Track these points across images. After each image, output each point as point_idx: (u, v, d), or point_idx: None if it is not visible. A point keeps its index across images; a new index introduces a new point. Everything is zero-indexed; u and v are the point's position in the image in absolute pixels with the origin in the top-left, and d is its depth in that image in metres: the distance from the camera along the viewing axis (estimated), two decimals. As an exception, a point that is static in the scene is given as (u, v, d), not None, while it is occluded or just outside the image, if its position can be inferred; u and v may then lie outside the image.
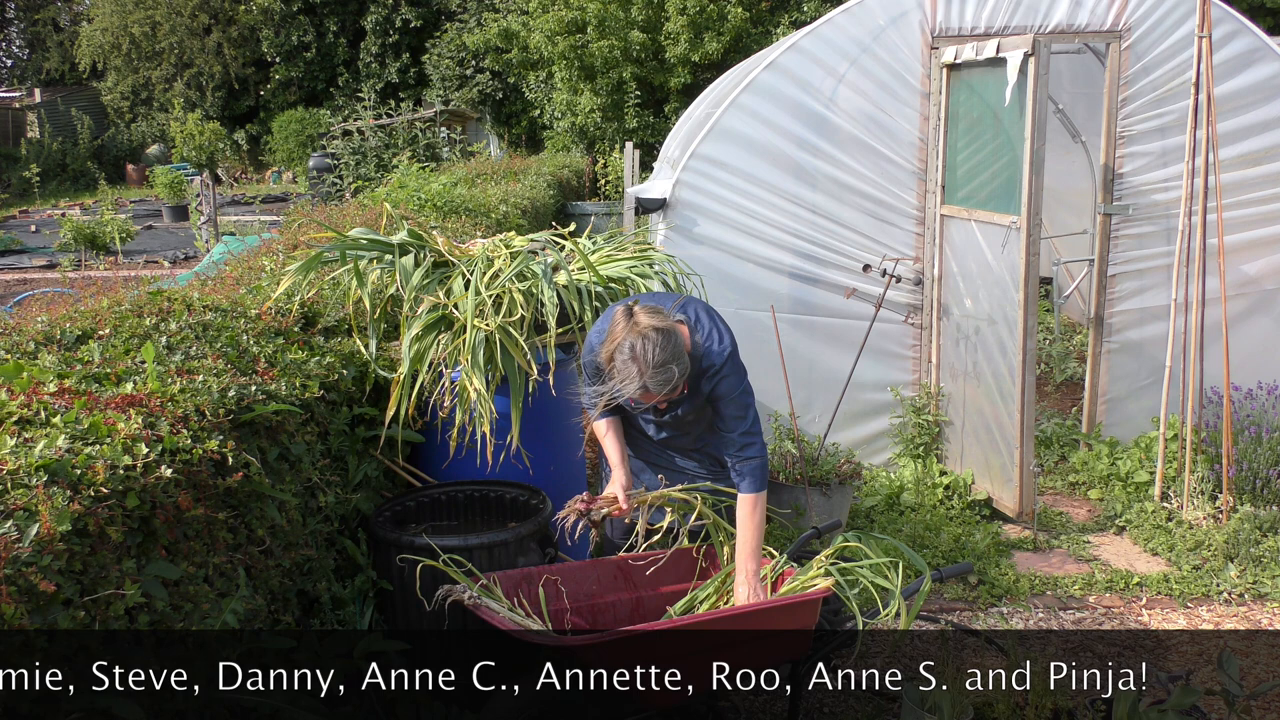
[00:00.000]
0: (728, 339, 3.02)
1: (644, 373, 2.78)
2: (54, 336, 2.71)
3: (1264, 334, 5.50)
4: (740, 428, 3.02)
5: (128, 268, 11.44)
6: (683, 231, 5.30)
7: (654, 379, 2.78)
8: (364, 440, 3.35)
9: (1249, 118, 5.26)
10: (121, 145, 25.85)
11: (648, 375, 2.78)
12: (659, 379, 2.79)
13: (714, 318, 3.08)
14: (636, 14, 15.53)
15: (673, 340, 2.82)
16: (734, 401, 3.02)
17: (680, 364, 2.82)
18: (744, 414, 3.02)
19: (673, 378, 2.80)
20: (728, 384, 3.00)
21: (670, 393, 2.85)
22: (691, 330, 2.99)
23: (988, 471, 5.11)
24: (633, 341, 2.79)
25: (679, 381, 2.84)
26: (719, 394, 3.01)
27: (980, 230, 4.99)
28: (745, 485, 3.00)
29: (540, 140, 19.53)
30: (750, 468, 3.00)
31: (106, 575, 1.85)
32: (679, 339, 2.86)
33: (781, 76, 5.27)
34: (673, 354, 2.80)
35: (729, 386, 3.00)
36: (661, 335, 2.79)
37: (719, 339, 3.01)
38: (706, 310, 3.10)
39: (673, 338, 2.82)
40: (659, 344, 2.78)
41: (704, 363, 2.97)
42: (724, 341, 3.00)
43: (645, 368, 2.78)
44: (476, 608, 2.62)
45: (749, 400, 3.05)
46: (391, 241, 3.68)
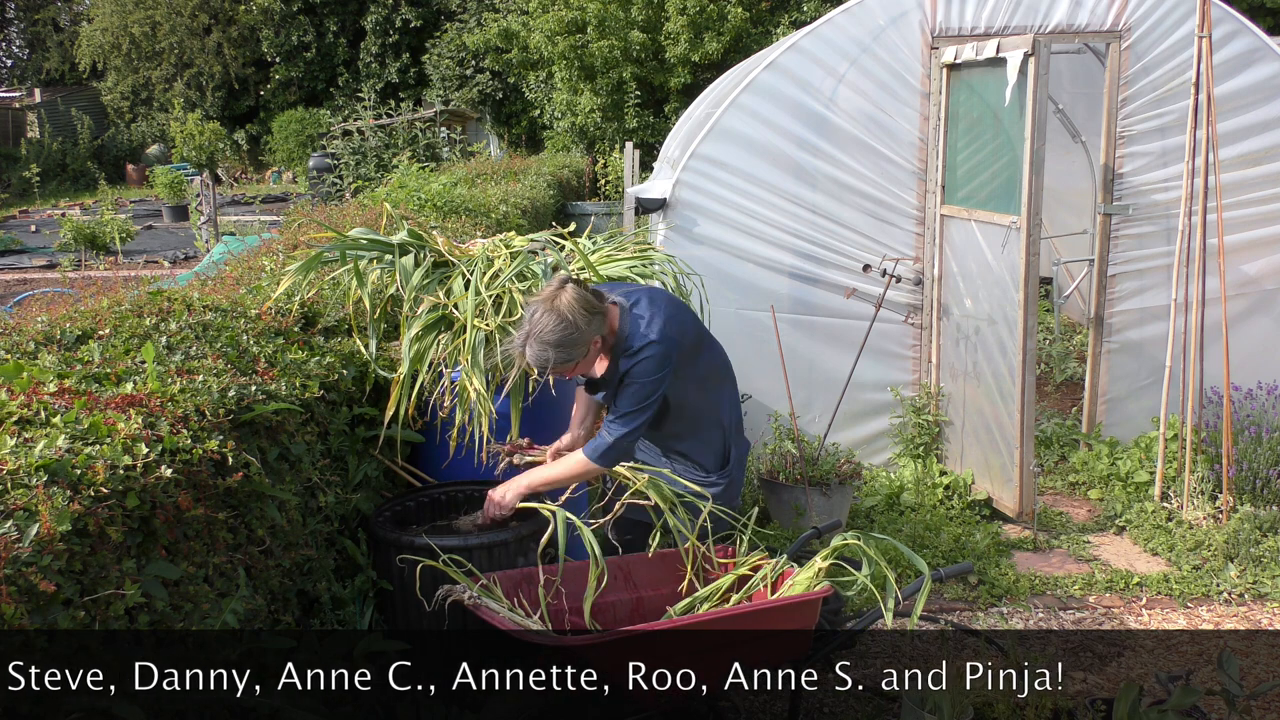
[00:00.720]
0: (660, 332, 3.01)
1: (528, 339, 2.92)
2: (54, 336, 2.71)
3: (1264, 334, 5.50)
4: (619, 410, 3.03)
5: (128, 268, 11.44)
6: (683, 231, 5.30)
7: (531, 349, 2.92)
8: (364, 440, 3.35)
9: (1249, 118, 5.26)
10: (121, 145, 25.86)
11: (529, 343, 2.91)
12: (534, 352, 2.91)
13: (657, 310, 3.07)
14: (636, 14, 15.53)
15: (569, 333, 2.89)
16: (632, 388, 3.02)
17: (560, 352, 2.90)
18: (636, 401, 3.02)
19: (546, 359, 2.91)
20: (640, 369, 3.01)
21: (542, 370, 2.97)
22: (624, 312, 3.05)
23: (988, 471, 5.11)
24: (539, 308, 2.92)
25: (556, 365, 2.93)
26: (627, 375, 3.03)
27: (980, 230, 4.99)
28: (589, 446, 3.08)
29: (540, 140, 19.54)
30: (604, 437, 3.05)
31: (106, 575, 1.85)
32: (578, 336, 2.91)
33: (781, 76, 5.27)
34: (558, 341, 2.89)
35: (641, 371, 3.01)
36: (562, 323, 2.88)
37: (648, 324, 3.02)
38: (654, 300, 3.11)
39: (571, 331, 2.89)
40: (552, 325, 2.88)
41: (626, 341, 3.03)
42: (654, 330, 3.01)
43: (530, 335, 2.91)
44: (476, 608, 2.62)
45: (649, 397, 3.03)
46: (391, 241, 3.68)
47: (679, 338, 3.07)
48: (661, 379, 3.03)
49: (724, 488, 3.26)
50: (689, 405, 3.23)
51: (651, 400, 3.03)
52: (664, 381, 3.03)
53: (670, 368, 3.04)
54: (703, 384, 3.25)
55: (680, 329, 3.09)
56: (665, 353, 3.01)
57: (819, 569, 2.87)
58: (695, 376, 3.21)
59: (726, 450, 3.34)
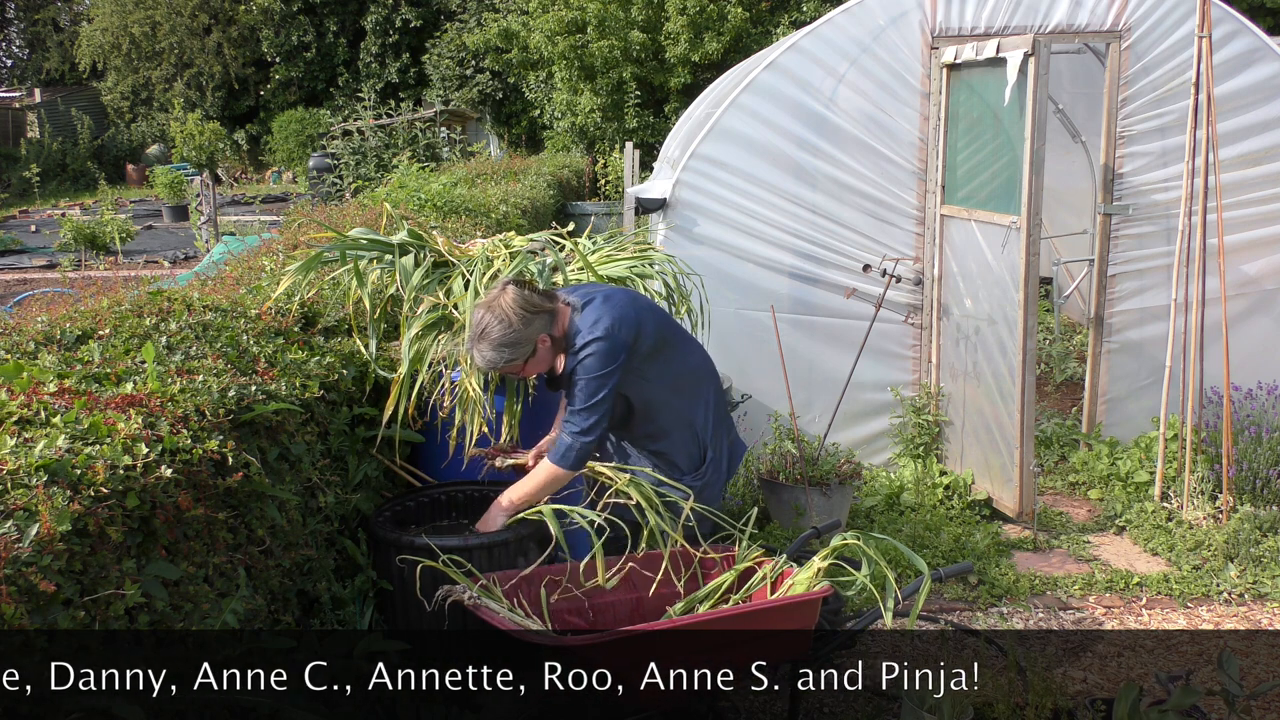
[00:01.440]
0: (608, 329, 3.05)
1: (475, 340, 3.03)
2: (54, 336, 2.71)
3: (1264, 334, 5.50)
4: (575, 404, 3.09)
5: (128, 268, 11.44)
6: (683, 231, 5.30)
7: (478, 350, 3.02)
8: (364, 440, 3.35)
9: (1249, 118, 5.26)
10: (121, 145, 25.86)
11: (476, 344, 3.02)
12: (480, 353, 3.02)
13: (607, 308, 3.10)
14: (636, 14, 15.53)
15: (511, 332, 2.98)
16: (579, 384, 3.08)
17: (503, 352, 2.99)
18: (585, 398, 3.07)
19: (489, 360, 3.02)
20: (583, 367, 3.06)
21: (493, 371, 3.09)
22: (575, 311, 3.11)
23: (988, 471, 5.11)
24: (483, 311, 3.03)
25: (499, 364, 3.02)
26: (573, 373, 3.09)
27: (980, 230, 4.99)
28: (553, 452, 3.12)
29: (540, 140, 19.54)
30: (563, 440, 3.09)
31: (106, 575, 1.85)
32: (520, 336, 2.99)
33: (781, 76, 5.27)
34: (502, 342, 2.98)
35: (583, 370, 3.07)
36: (502, 323, 2.97)
37: (593, 324, 3.07)
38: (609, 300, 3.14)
39: (513, 330, 2.98)
40: (494, 325, 2.98)
41: (573, 339, 3.09)
42: (598, 329, 3.06)
43: (476, 337, 3.02)
44: (476, 608, 2.62)
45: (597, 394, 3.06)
46: (391, 241, 3.68)
47: (628, 337, 3.09)
48: (607, 375, 3.06)
49: (698, 490, 3.25)
50: (657, 406, 3.25)
51: (601, 396, 3.06)
52: (611, 377, 3.07)
53: (616, 365, 3.07)
54: (673, 385, 3.26)
55: (633, 329, 3.11)
56: (609, 349, 3.05)
57: (818, 569, 2.87)
58: (663, 377, 3.22)
59: (702, 452, 3.34)
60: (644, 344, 3.14)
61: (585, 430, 3.07)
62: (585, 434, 3.07)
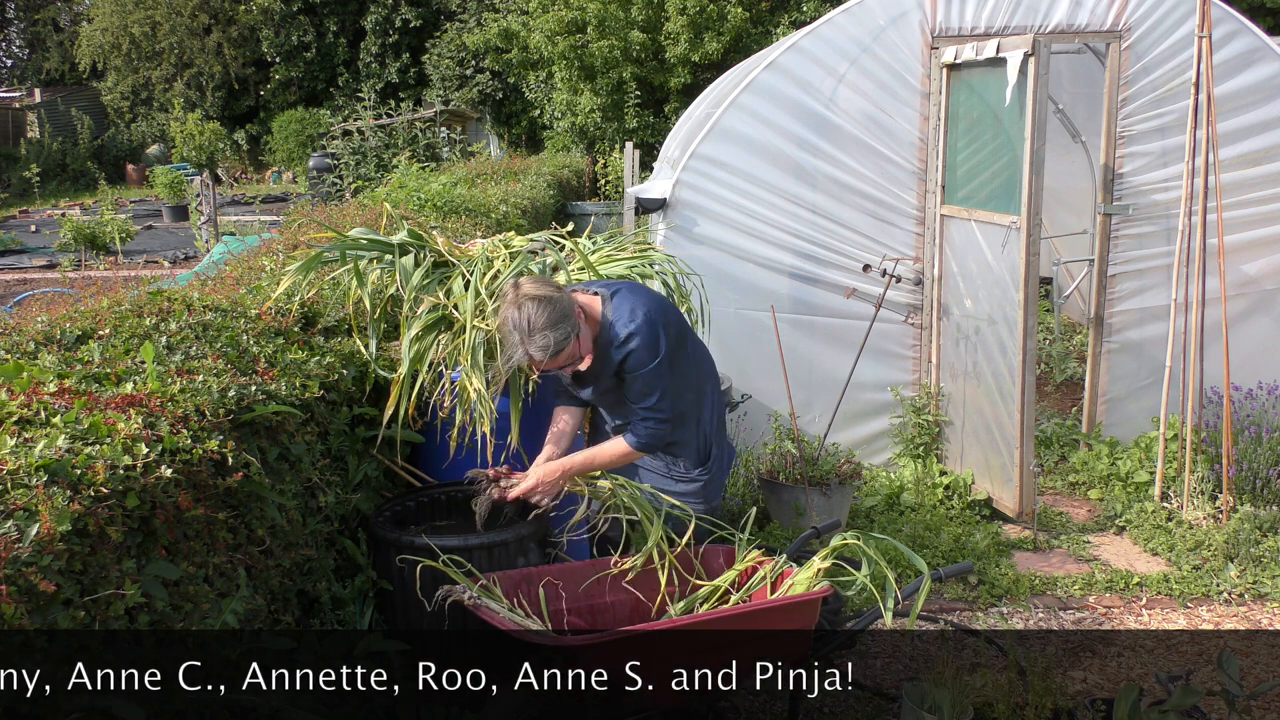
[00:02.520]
0: (643, 314, 3.05)
1: (524, 339, 2.90)
2: (54, 336, 2.71)
3: (1264, 334, 5.50)
4: (644, 403, 3.09)
5: (128, 268, 11.44)
6: (683, 231, 5.30)
7: (534, 344, 2.90)
8: (364, 440, 3.35)
9: (1249, 118, 5.26)
10: (121, 145, 25.85)
11: (527, 341, 2.90)
12: (538, 344, 2.90)
13: (639, 296, 3.11)
14: (636, 14, 15.52)
15: (552, 306, 2.90)
16: (640, 379, 3.07)
17: (559, 330, 2.90)
18: (650, 392, 3.07)
19: (550, 343, 2.90)
20: (634, 359, 3.05)
21: (555, 358, 2.94)
22: (605, 302, 3.08)
23: (988, 471, 5.11)
24: (511, 311, 2.93)
25: (560, 345, 2.91)
26: (628, 367, 3.07)
27: (980, 230, 4.99)
28: (628, 435, 3.12)
29: (540, 140, 19.54)
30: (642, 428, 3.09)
31: (106, 575, 1.85)
32: (560, 305, 2.92)
33: (781, 76, 5.27)
34: (550, 320, 2.89)
35: (635, 361, 3.05)
36: (538, 303, 2.89)
37: (631, 312, 3.05)
38: (634, 289, 3.16)
39: (552, 305, 2.90)
40: (534, 311, 2.89)
41: (611, 330, 3.06)
42: (636, 315, 3.04)
43: (524, 334, 2.90)
44: (476, 608, 2.62)
45: (660, 382, 3.07)
46: (391, 241, 3.68)
47: (663, 323, 3.10)
48: (660, 363, 3.06)
49: (703, 484, 3.29)
50: (674, 398, 3.25)
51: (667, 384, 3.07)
52: (663, 365, 3.07)
53: (664, 350, 3.07)
54: (685, 379, 3.27)
55: (664, 316, 3.13)
56: (652, 336, 3.05)
57: (818, 569, 2.87)
58: (679, 369, 3.23)
59: (708, 448, 3.37)
60: (671, 332, 3.16)
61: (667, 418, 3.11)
62: (668, 420, 3.11)
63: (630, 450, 3.15)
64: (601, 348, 3.10)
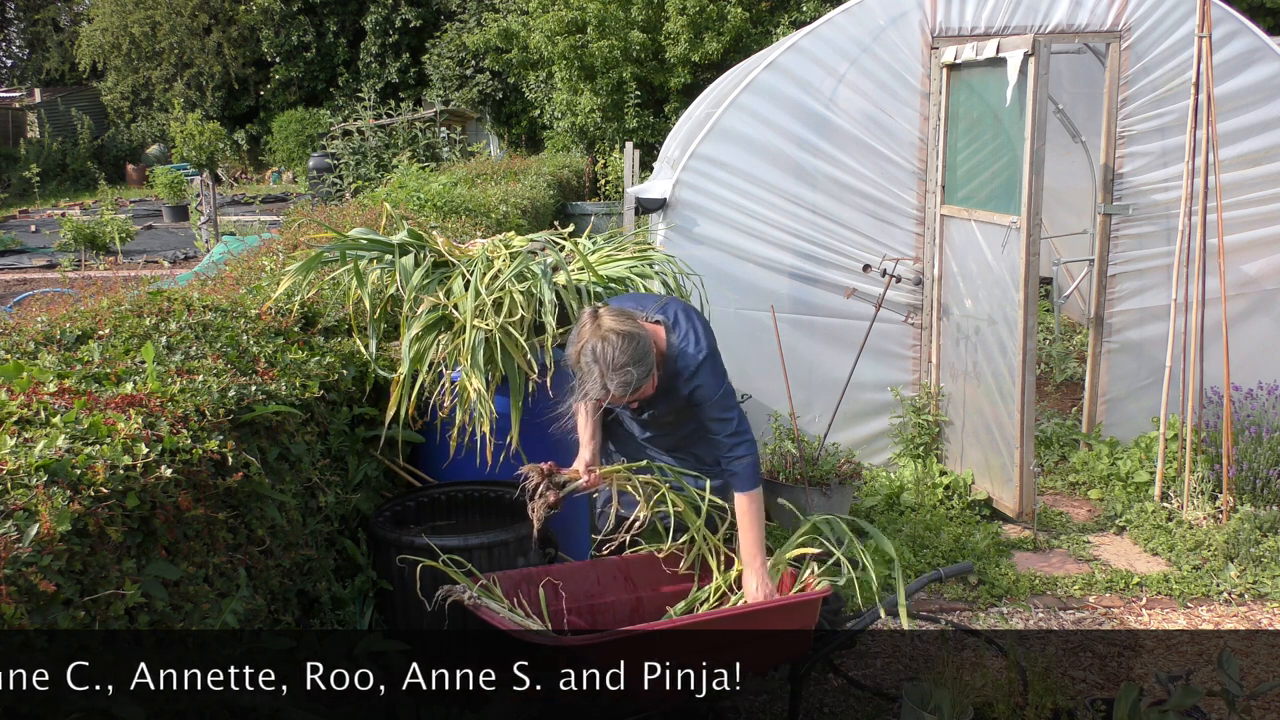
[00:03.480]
0: (704, 342, 3.03)
1: (605, 374, 2.84)
2: (54, 336, 2.71)
3: (1264, 334, 5.50)
4: (725, 430, 3.04)
5: (128, 268, 11.44)
6: (683, 231, 5.30)
7: (614, 380, 2.84)
8: (364, 440, 3.35)
9: (1249, 118, 5.26)
10: (121, 145, 25.85)
11: (608, 377, 2.84)
12: (619, 380, 2.85)
13: (693, 320, 3.09)
14: (636, 14, 15.52)
15: (635, 343, 2.86)
16: (715, 405, 3.04)
17: (641, 367, 2.86)
18: (727, 416, 3.04)
19: (632, 380, 2.85)
20: (705, 391, 3.02)
21: (633, 394, 2.90)
22: (669, 331, 3.03)
23: (988, 471, 5.11)
24: (594, 344, 2.85)
25: (640, 383, 2.88)
26: (698, 400, 3.04)
27: (980, 230, 4.99)
28: (738, 484, 3.04)
29: (540, 140, 19.53)
30: (740, 466, 3.03)
31: (106, 575, 1.85)
32: (643, 342, 2.88)
33: (781, 76, 5.27)
34: (633, 357, 2.85)
35: (706, 393, 3.02)
36: (623, 339, 2.84)
37: (695, 342, 3.02)
38: (686, 312, 3.12)
39: (636, 341, 2.86)
40: (619, 347, 2.84)
41: (678, 363, 3.01)
42: (700, 344, 3.02)
43: (606, 369, 2.84)
44: (476, 608, 2.62)
45: (731, 402, 3.06)
46: (391, 241, 3.68)
47: (715, 342, 3.10)
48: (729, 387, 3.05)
49: (718, 487, 3.26)
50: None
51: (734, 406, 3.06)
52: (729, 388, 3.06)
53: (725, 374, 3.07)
54: None
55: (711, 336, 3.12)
56: (716, 363, 3.04)
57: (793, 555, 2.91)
58: None
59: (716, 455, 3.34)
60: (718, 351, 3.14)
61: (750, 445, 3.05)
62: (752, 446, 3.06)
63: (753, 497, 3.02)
64: (670, 376, 3.04)
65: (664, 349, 3.00)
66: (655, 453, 3.31)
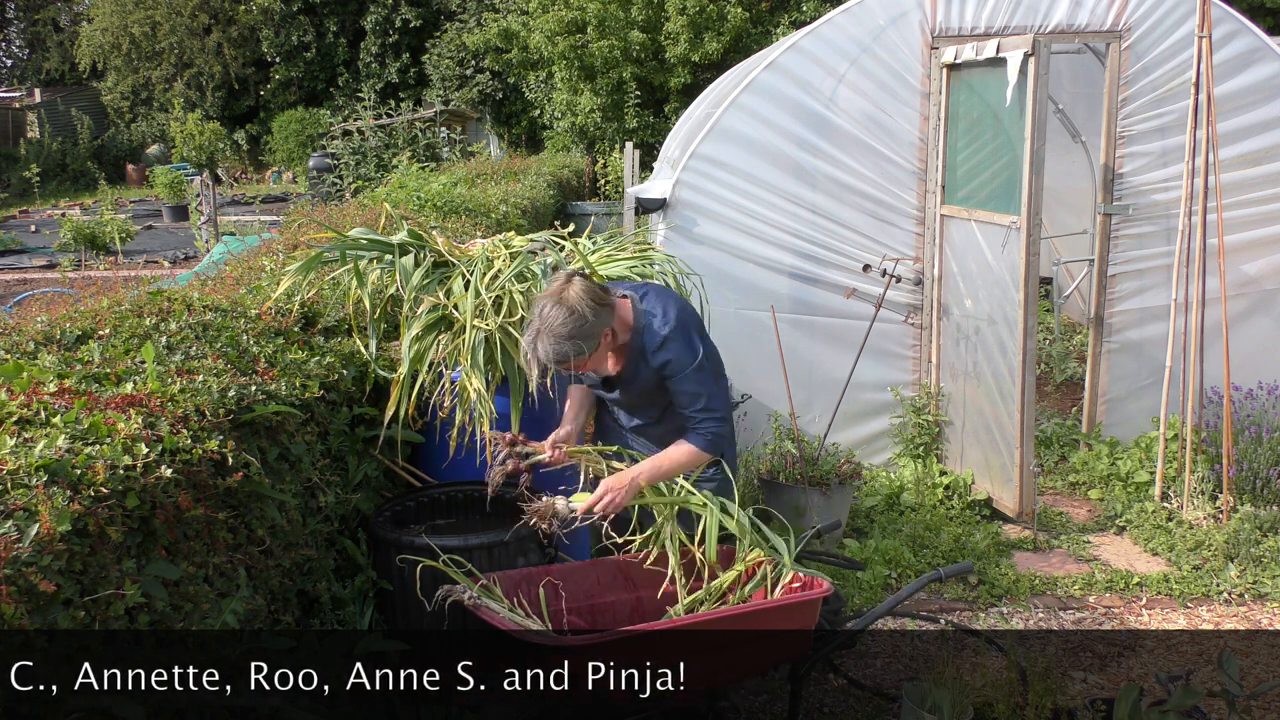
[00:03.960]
0: (674, 319, 3.04)
1: (538, 335, 2.89)
2: (54, 336, 2.71)
3: (1264, 334, 5.50)
4: (695, 404, 3.05)
5: (128, 268, 11.44)
6: (683, 231, 5.30)
7: (541, 345, 2.88)
8: (364, 440, 3.35)
9: (1249, 118, 5.26)
10: (121, 145, 25.85)
11: (541, 338, 2.89)
12: (545, 346, 2.88)
13: (667, 301, 3.10)
14: (636, 14, 15.53)
15: (578, 324, 2.88)
16: (686, 379, 3.04)
17: (573, 343, 2.88)
18: (699, 391, 3.04)
19: (565, 352, 2.88)
20: (675, 363, 3.03)
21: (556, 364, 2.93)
22: (635, 304, 3.07)
23: (988, 471, 5.11)
24: (546, 304, 2.91)
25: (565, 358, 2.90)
26: (668, 373, 3.05)
27: (980, 230, 4.99)
28: (691, 438, 3.06)
29: (540, 140, 19.54)
30: (705, 429, 3.05)
31: (106, 575, 1.85)
32: (586, 327, 2.90)
33: (781, 76, 5.27)
34: (569, 333, 2.87)
35: (678, 365, 3.03)
36: (571, 314, 2.86)
37: (662, 316, 3.05)
38: (661, 294, 3.14)
39: (580, 322, 2.88)
40: (562, 318, 2.86)
41: (643, 336, 3.04)
42: (667, 319, 3.03)
43: (537, 332, 2.89)
44: (476, 608, 2.62)
45: (706, 381, 3.05)
46: (391, 241, 3.68)
47: (694, 324, 3.11)
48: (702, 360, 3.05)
49: (716, 485, 3.26)
50: None
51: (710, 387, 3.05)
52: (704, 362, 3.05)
53: (700, 349, 3.06)
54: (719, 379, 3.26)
55: (691, 316, 3.14)
56: (687, 339, 3.05)
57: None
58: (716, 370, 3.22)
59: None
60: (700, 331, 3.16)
61: (723, 416, 3.07)
62: (725, 419, 3.08)
63: (697, 452, 3.05)
64: (636, 352, 3.07)
65: (629, 322, 3.04)
66: (640, 445, 3.33)
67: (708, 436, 3.05)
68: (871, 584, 4.35)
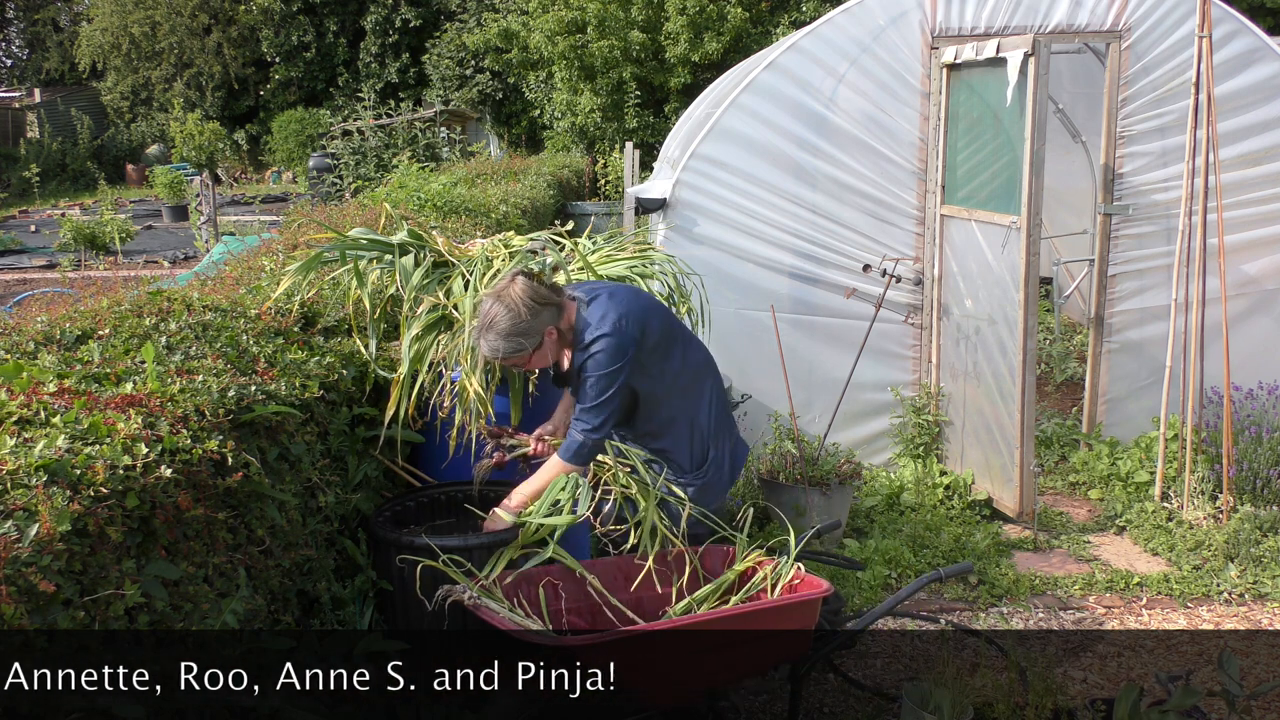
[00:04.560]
0: (613, 323, 3.06)
1: (480, 332, 3.01)
2: (54, 336, 2.71)
3: (1264, 334, 5.50)
4: (583, 403, 3.09)
5: (128, 268, 11.44)
6: (683, 231, 5.30)
7: (484, 341, 3.01)
8: (364, 440, 3.35)
9: (1249, 118, 5.26)
10: (121, 145, 25.85)
11: (482, 333, 3.01)
12: (487, 342, 3.00)
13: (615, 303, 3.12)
14: (636, 14, 15.53)
15: (516, 322, 2.97)
16: (589, 381, 3.09)
17: (512, 341, 2.98)
18: (595, 395, 3.07)
19: (499, 349, 2.99)
20: (593, 362, 3.07)
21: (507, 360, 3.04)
22: (580, 308, 3.12)
23: (988, 471, 5.11)
24: (489, 302, 3.02)
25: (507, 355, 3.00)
26: (582, 369, 3.10)
27: (980, 230, 4.99)
28: (561, 449, 3.12)
29: (540, 140, 19.54)
30: (573, 436, 3.09)
31: (106, 575, 1.85)
32: (524, 326, 2.98)
33: (781, 76, 5.27)
34: (509, 331, 2.97)
35: (593, 365, 3.07)
36: (510, 312, 2.96)
37: (602, 318, 3.08)
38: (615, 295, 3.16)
39: (518, 321, 2.97)
40: (501, 316, 2.97)
41: (578, 333, 3.10)
42: (606, 321, 3.07)
43: (481, 329, 3.02)
44: (476, 608, 2.62)
45: (607, 390, 3.07)
46: (391, 241, 3.68)
47: (635, 332, 3.10)
48: (616, 371, 3.06)
49: (698, 489, 3.25)
50: (660, 402, 3.25)
51: (610, 393, 3.07)
52: (620, 374, 3.07)
53: (625, 361, 3.07)
54: (676, 381, 3.27)
55: (640, 324, 3.12)
56: (618, 345, 3.05)
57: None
58: (666, 373, 3.23)
59: (704, 451, 3.34)
60: (650, 339, 3.15)
61: (595, 427, 3.07)
62: (595, 430, 3.07)
63: (561, 464, 3.08)
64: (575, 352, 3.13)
65: (572, 322, 3.10)
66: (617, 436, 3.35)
67: (574, 447, 3.07)
68: (871, 584, 4.35)
